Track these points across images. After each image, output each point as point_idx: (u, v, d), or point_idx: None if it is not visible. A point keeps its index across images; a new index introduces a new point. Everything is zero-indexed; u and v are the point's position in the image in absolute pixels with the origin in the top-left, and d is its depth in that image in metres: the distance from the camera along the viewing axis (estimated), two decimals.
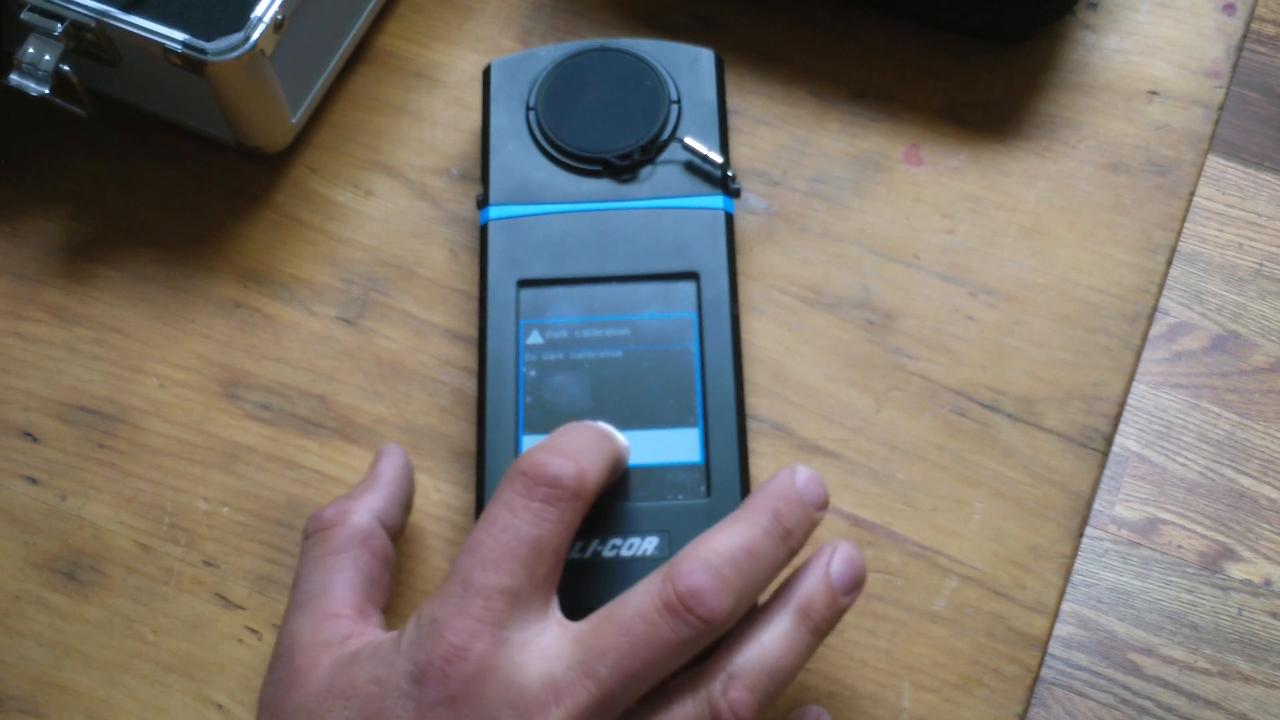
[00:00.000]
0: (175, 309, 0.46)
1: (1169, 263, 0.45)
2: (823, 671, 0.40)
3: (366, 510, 0.38)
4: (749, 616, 0.34)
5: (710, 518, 0.38)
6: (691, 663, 0.33)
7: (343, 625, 0.35)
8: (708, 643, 0.32)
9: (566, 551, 0.34)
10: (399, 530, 0.39)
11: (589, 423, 0.37)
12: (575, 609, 0.37)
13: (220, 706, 0.40)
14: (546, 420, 0.40)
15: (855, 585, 0.35)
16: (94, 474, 0.43)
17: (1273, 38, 1.42)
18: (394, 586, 0.39)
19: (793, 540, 0.34)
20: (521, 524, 0.32)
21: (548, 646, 0.32)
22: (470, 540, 0.33)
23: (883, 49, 0.49)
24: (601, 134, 0.44)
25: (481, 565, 0.32)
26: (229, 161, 0.48)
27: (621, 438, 0.37)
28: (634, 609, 0.32)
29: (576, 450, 0.34)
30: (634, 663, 0.31)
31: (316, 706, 0.33)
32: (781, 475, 0.35)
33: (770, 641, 0.33)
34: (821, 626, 0.34)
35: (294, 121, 0.46)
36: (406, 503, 0.39)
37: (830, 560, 0.35)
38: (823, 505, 0.35)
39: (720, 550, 0.33)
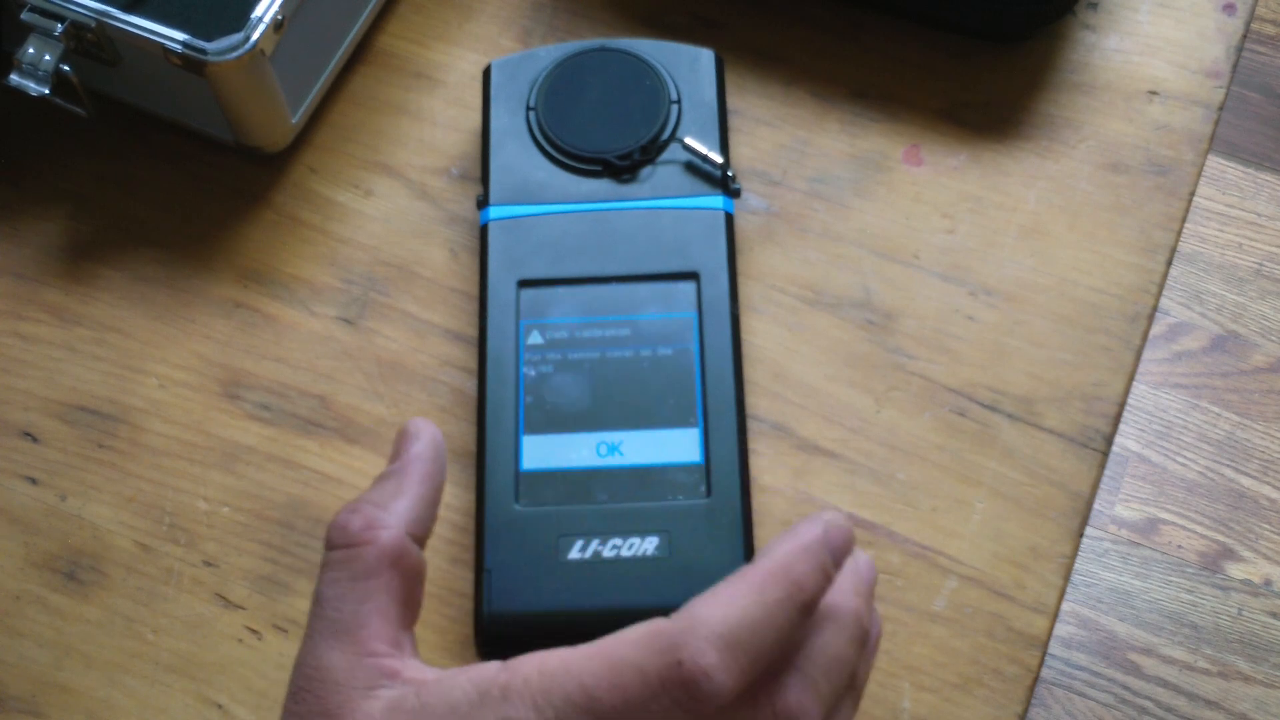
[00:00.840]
0: (175, 309, 0.46)
1: (1169, 263, 0.45)
2: None
3: (398, 522, 0.33)
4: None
5: (710, 517, 0.38)
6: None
7: (385, 665, 0.32)
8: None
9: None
10: (429, 532, 0.35)
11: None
12: (575, 609, 0.37)
13: (220, 706, 0.40)
14: (546, 420, 0.40)
15: (873, 645, 0.33)
16: (94, 474, 0.43)
17: (1273, 38, 1.42)
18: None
19: (811, 610, 0.30)
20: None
21: None
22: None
23: (883, 49, 0.49)
24: (601, 134, 0.44)
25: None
26: (229, 161, 0.48)
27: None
28: (636, 681, 0.29)
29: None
30: None
31: None
32: (805, 531, 0.31)
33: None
34: (861, 690, 0.33)
35: (294, 121, 0.46)
36: (438, 498, 0.35)
37: (871, 629, 0.33)
38: (845, 554, 0.31)
39: (732, 622, 0.29)
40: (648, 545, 0.38)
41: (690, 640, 0.28)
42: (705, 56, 0.46)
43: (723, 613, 0.29)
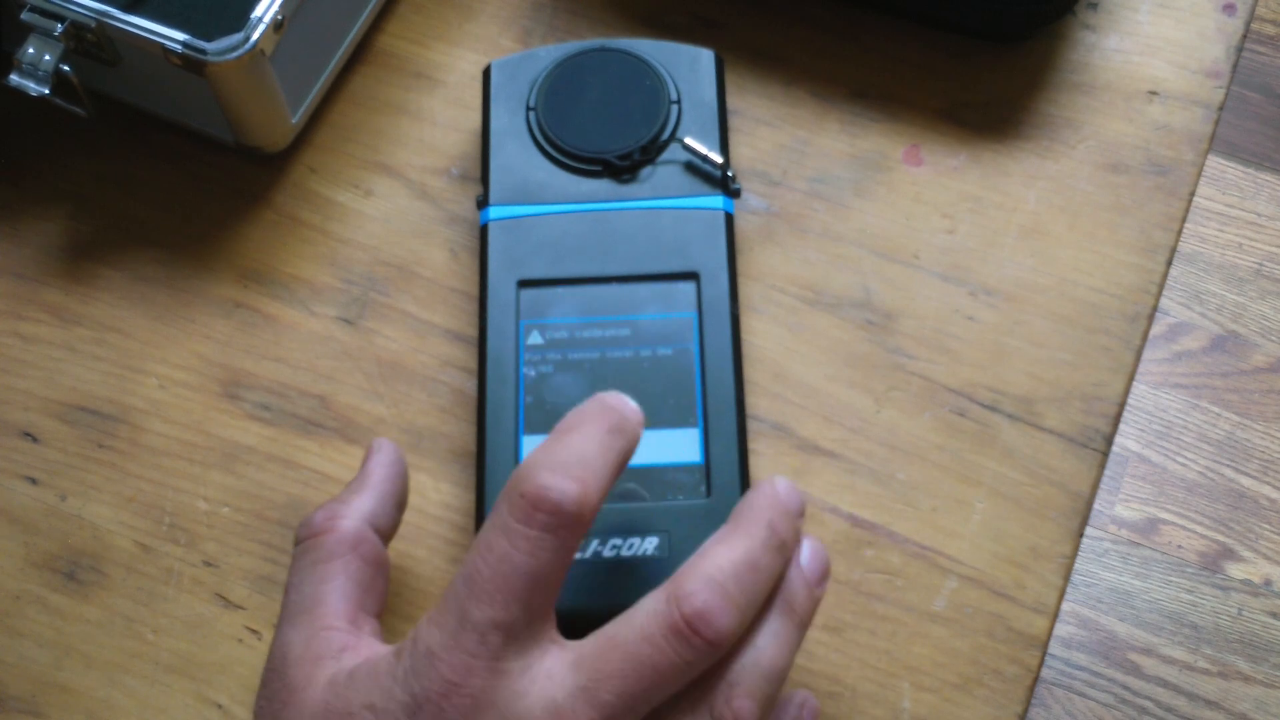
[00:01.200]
0: (175, 309, 0.46)
1: (1169, 263, 0.45)
2: (823, 671, 0.40)
3: (357, 514, 0.36)
4: None
5: (710, 517, 0.38)
6: None
7: (336, 638, 0.34)
8: (712, 662, 0.32)
9: (565, 574, 0.32)
10: (393, 530, 0.38)
11: (596, 410, 0.33)
12: (575, 608, 0.37)
13: (220, 706, 0.40)
14: (546, 420, 0.40)
15: (825, 575, 0.35)
16: (94, 474, 0.43)
17: (1273, 38, 1.42)
18: (389, 588, 0.38)
19: (787, 551, 0.34)
20: (519, 554, 0.31)
21: (548, 672, 0.31)
22: (466, 568, 0.32)
23: (883, 49, 0.49)
24: (601, 134, 0.44)
25: (476, 598, 0.31)
26: (229, 161, 0.48)
27: (633, 409, 0.34)
28: (638, 631, 0.31)
29: (582, 465, 0.32)
30: (638, 687, 0.30)
31: None
32: (764, 488, 0.34)
33: (763, 644, 0.33)
34: (805, 620, 0.34)
35: (294, 121, 0.46)
36: (400, 501, 0.38)
37: (800, 555, 0.34)
38: (803, 513, 0.35)
39: (723, 566, 0.32)
40: (648, 545, 0.38)
41: (682, 589, 0.31)
42: (705, 56, 0.46)
43: (707, 562, 0.32)
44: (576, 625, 0.37)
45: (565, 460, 0.32)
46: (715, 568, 0.32)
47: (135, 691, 0.41)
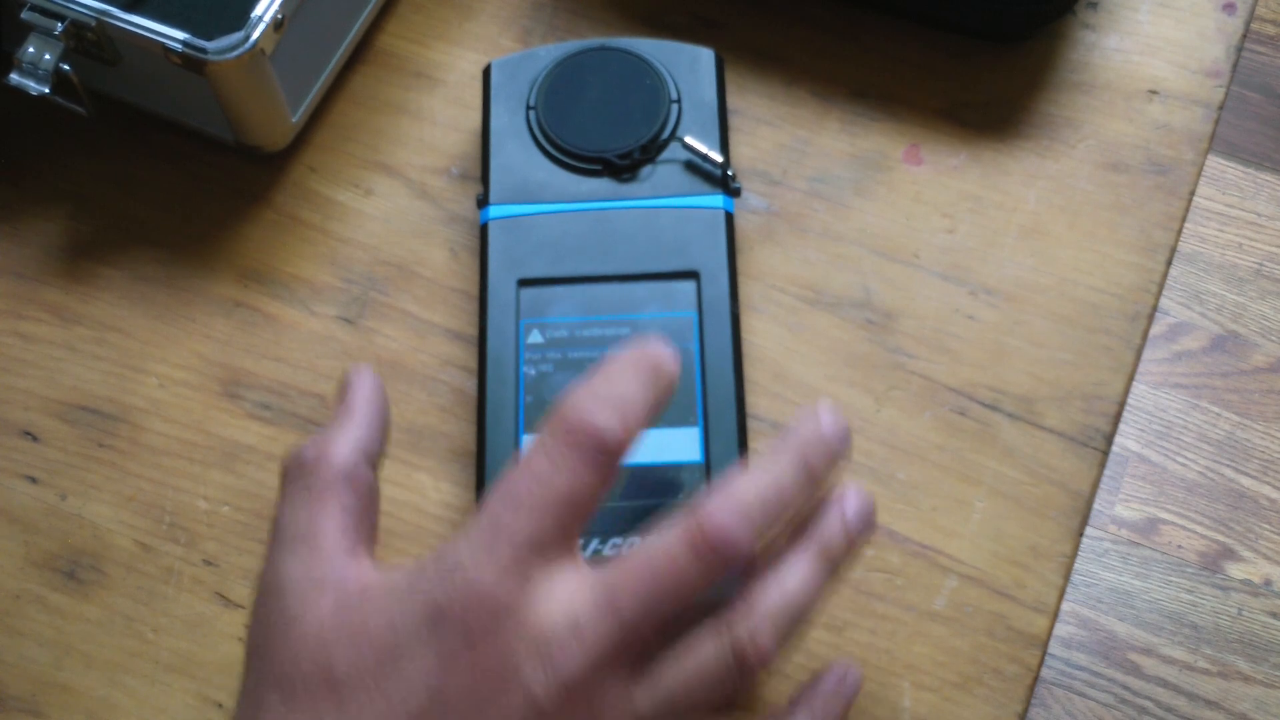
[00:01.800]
0: (175, 308, 0.46)
1: (1169, 262, 0.45)
2: None
3: (348, 445, 0.36)
4: (769, 555, 0.34)
5: None
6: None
7: (337, 565, 0.34)
8: (726, 574, 0.32)
9: (597, 506, 0.33)
10: (381, 459, 0.37)
11: (638, 355, 0.34)
12: None
13: (221, 706, 0.40)
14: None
15: (868, 526, 0.35)
16: (94, 473, 0.43)
17: (1273, 38, 1.42)
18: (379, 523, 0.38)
19: (816, 484, 0.34)
20: (560, 477, 0.32)
21: (571, 589, 0.32)
22: (505, 484, 0.32)
23: (883, 49, 0.49)
24: (601, 133, 0.44)
25: (514, 513, 0.32)
26: (229, 161, 0.48)
27: (671, 357, 0.34)
28: (660, 547, 0.32)
29: (624, 402, 0.33)
30: (656, 596, 0.31)
31: (319, 648, 0.32)
32: (808, 421, 0.35)
33: (789, 578, 0.34)
34: (838, 563, 0.35)
35: (294, 121, 0.46)
36: (386, 428, 0.37)
37: (845, 503, 0.35)
38: (846, 440, 0.35)
39: (750, 491, 0.33)
40: None
41: (703, 506, 0.32)
42: (705, 56, 0.46)
43: (733, 484, 0.33)
44: None
45: (609, 396, 0.33)
46: (739, 488, 0.33)
47: (135, 691, 0.41)
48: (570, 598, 0.31)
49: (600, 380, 0.34)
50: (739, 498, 0.33)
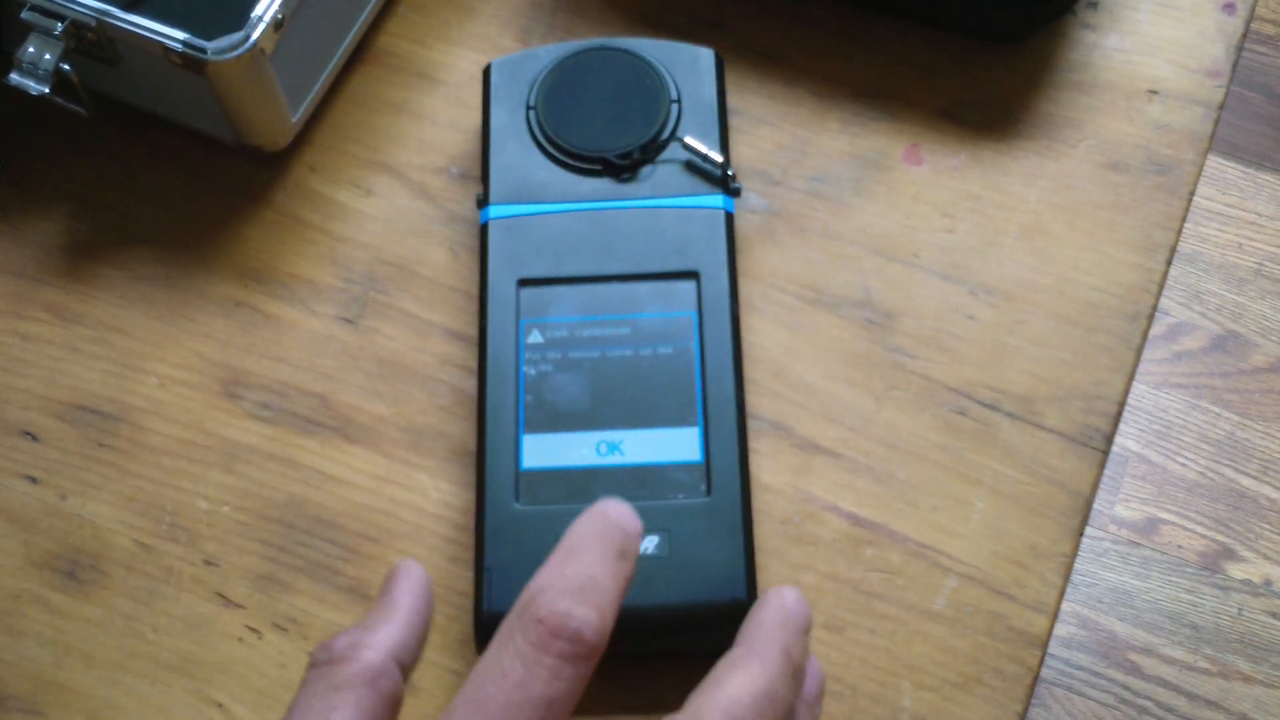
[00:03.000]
0: (175, 308, 0.46)
1: (1169, 262, 0.45)
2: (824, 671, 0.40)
3: (382, 646, 0.33)
4: None
5: (710, 516, 0.38)
6: None
7: None
8: None
9: (575, 706, 0.31)
10: (414, 665, 0.35)
11: (601, 529, 0.32)
12: None
13: (220, 706, 0.40)
14: (546, 420, 0.40)
15: (822, 693, 0.34)
16: (94, 473, 0.43)
17: (1273, 38, 1.42)
18: None
19: (800, 676, 0.33)
20: (536, 681, 0.29)
21: None
22: (474, 691, 0.30)
23: (883, 49, 0.49)
24: (601, 133, 0.44)
25: None
26: (229, 161, 0.48)
27: (634, 524, 0.33)
28: None
29: (598, 591, 0.31)
30: None
31: None
32: (773, 603, 0.33)
33: None
34: None
35: (294, 121, 0.46)
36: (426, 632, 0.36)
37: (805, 682, 0.34)
38: (810, 627, 0.34)
39: (743, 699, 0.31)
40: (648, 544, 0.38)
41: None
42: (705, 56, 0.46)
43: (725, 694, 0.31)
44: None
45: (581, 586, 0.31)
46: (734, 700, 0.31)
47: (135, 691, 0.40)
48: None
49: (568, 563, 0.31)
50: (734, 710, 0.30)
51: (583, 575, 0.31)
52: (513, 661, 0.30)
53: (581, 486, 0.39)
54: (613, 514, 0.33)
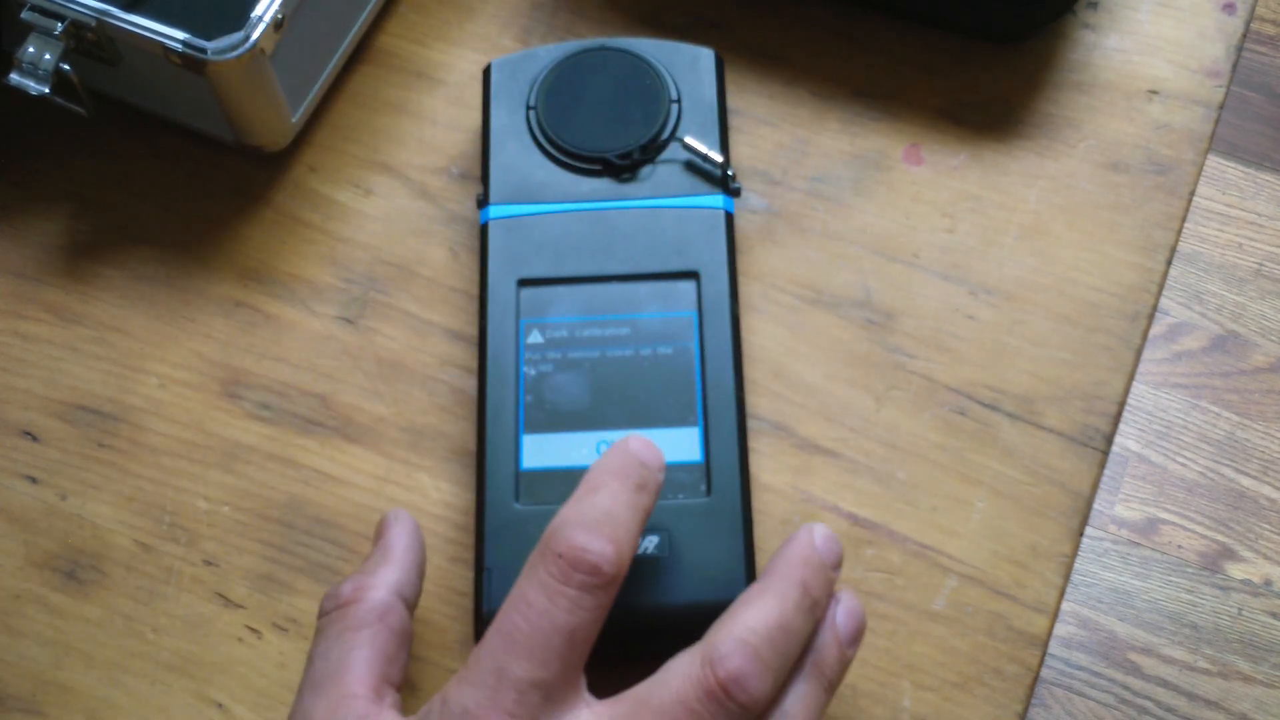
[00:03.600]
0: (175, 308, 0.46)
1: (1169, 262, 0.45)
2: None
3: (385, 585, 0.36)
4: None
5: (710, 516, 0.38)
6: None
7: (359, 706, 0.34)
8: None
9: (598, 633, 0.32)
10: (417, 600, 0.38)
11: (621, 464, 0.34)
12: None
13: (220, 706, 0.40)
14: (546, 420, 0.40)
15: (859, 635, 0.35)
16: (94, 473, 0.43)
17: (1273, 38, 1.42)
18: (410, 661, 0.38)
19: (819, 610, 0.34)
20: (559, 611, 0.31)
21: None
22: (503, 623, 0.32)
23: (883, 49, 0.49)
24: (601, 133, 0.44)
25: (515, 654, 0.31)
26: (229, 161, 0.48)
27: (655, 458, 0.35)
28: (673, 693, 0.31)
29: (615, 524, 0.32)
30: None
31: None
32: (802, 538, 0.35)
33: (790, 706, 0.33)
34: (835, 681, 0.34)
35: (294, 121, 0.46)
36: (422, 570, 0.38)
37: (836, 615, 0.35)
38: (839, 564, 0.35)
39: (757, 629, 0.32)
40: (648, 544, 0.38)
41: (716, 651, 0.31)
42: (705, 56, 0.46)
43: (740, 624, 0.32)
44: None
45: (598, 519, 0.32)
46: (748, 629, 0.32)
47: (135, 691, 0.41)
48: None
49: (587, 499, 0.33)
50: (748, 639, 0.32)
51: (600, 509, 0.32)
52: (536, 593, 0.31)
53: None
54: (634, 448, 0.34)
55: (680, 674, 0.32)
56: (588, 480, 0.34)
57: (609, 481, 0.33)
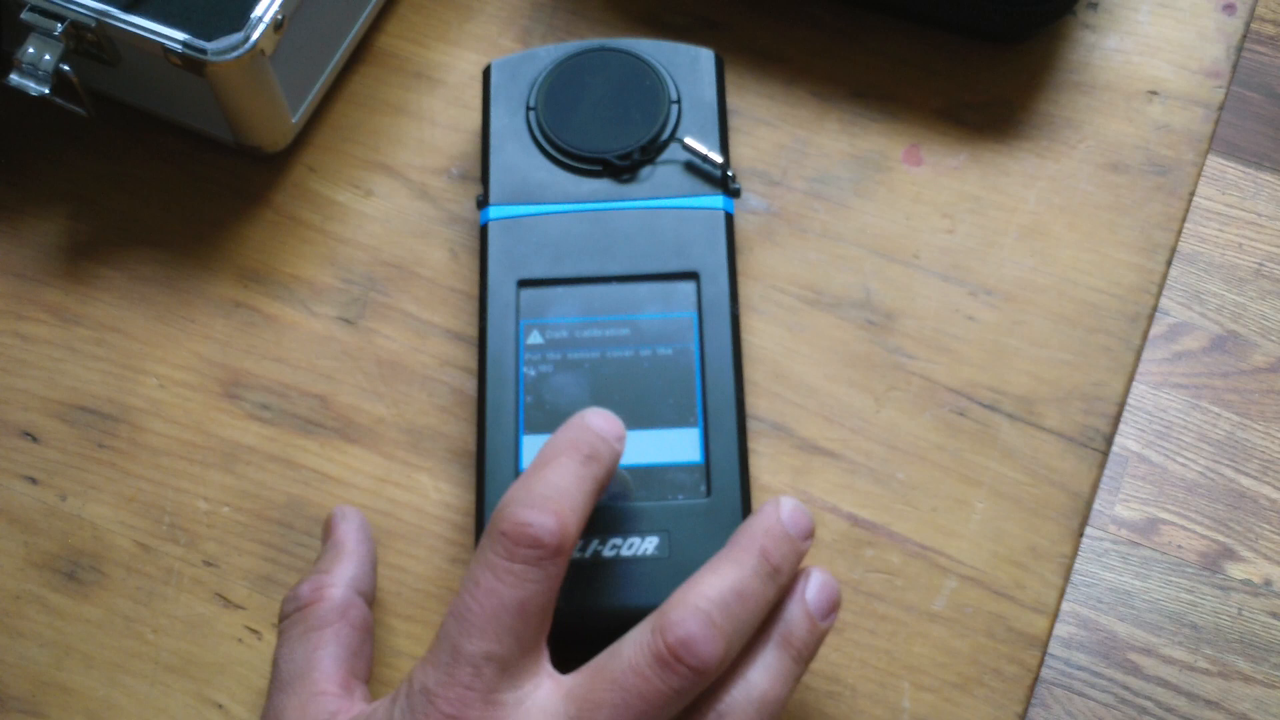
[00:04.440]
0: (175, 309, 0.46)
1: (1169, 263, 0.45)
2: (823, 671, 0.40)
3: (342, 582, 0.37)
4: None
5: (710, 517, 0.38)
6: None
7: (330, 702, 0.35)
8: (701, 689, 0.32)
9: (554, 604, 0.33)
10: (373, 594, 0.39)
11: (571, 439, 0.35)
12: (576, 608, 0.37)
13: (220, 706, 0.40)
14: (546, 420, 0.40)
15: (832, 609, 0.35)
16: (94, 474, 0.43)
17: (1273, 38, 1.42)
18: (374, 653, 0.39)
19: (781, 577, 0.34)
20: (505, 588, 0.32)
21: (541, 704, 0.32)
22: (455, 605, 0.32)
23: (883, 49, 0.49)
24: (601, 134, 0.44)
25: (468, 632, 0.32)
26: (229, 161, 0.48)
27: (607, 428, 0.35)
28: (626, 661, 0.32)
29: (558, 497, 0.33)
30: (628, 716, 0.31)
31: None
32: (767, 510, 0.35)
33: (755, 675, 0.33)
34: (804, 654, 0.34)
35: (294, 121, 0.46)
36: (374, 563, 0.40)
37: (806, 587, 0.35)
38: (809, 535, 0.35)
39: (710, 595, 0.32)
40: (648, 545, 0.38)
41: (667, 618, 0.32)
42: (705, 56, 0.46)
43: (694, 591, 0.32)
44: (577, 625, 0.37)
45: (542, 494, 0.33)
46: (701, 596, 0.32)
47: (135, 691, 0.41)
48: (542, 716, 0.32)
49: (533, 474, 0.34)
50: (699, 605, 0.32)
51: (544, 483, 0.33)
52: (483, 572, 0.32)
53: None
54: (589, 419, 0.35)
55: (633, 642, 0.32)
56: (539, 456, 0.35)
57: (557, 456, 0.34)
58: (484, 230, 0.43)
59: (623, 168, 0.44)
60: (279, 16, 0.43)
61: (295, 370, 0.45)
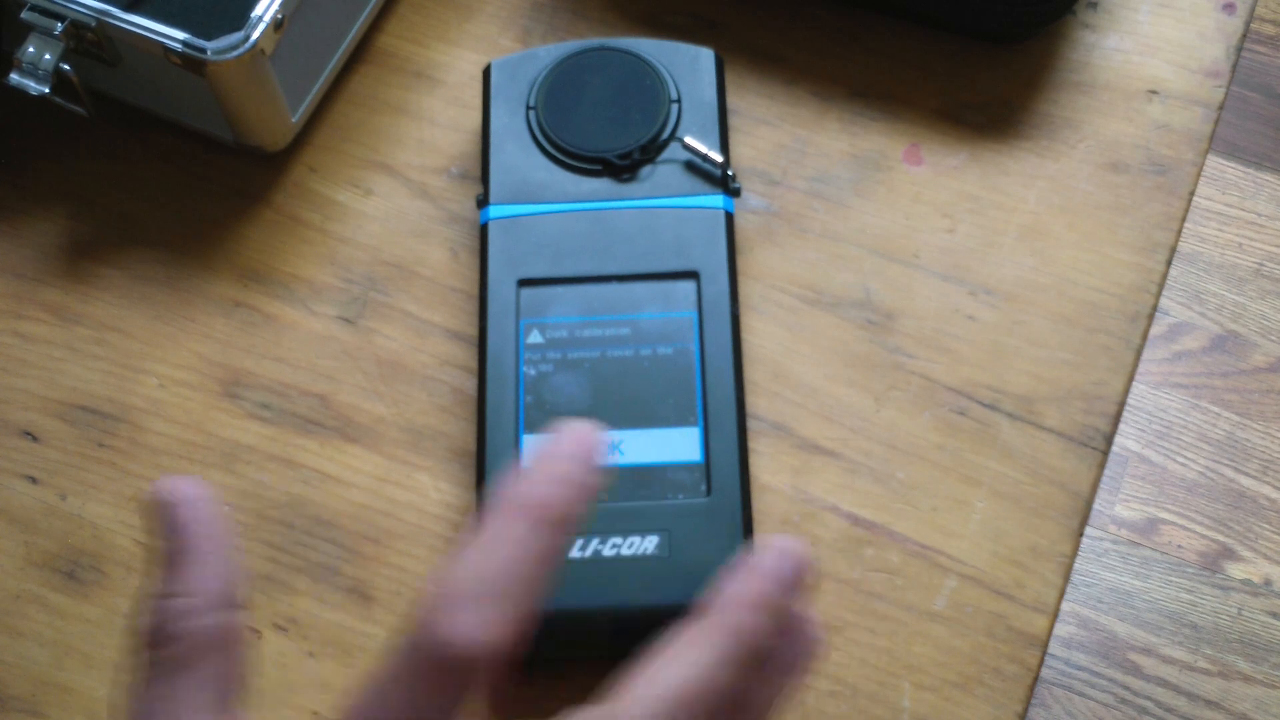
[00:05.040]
0: (175, 308, 0.46)
1: (1169, 262, 0.45)
2: (823, 670, 0.40)
3: (209, 599, 0.29)
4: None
5: (710, 516, 0.38)
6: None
7: None
8: None
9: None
10: (240, 594, 0.29)
11: (526, 494, 0.27)
12: (575, 608, 0.37)
13: None
14: (546, 419, 0.40)
15: (804, 661, 0.30)
16: (94, 473, 0.43)
17: (1273, 38, 1.42)
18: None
19: (756, 656, 0.28)
20: (412, 710, 0.26)
21: None
22: (360, 710, 0.26)
23: (883, 49, 0.49)
24: (601, 134, 0.44)
25: None
26: (229, 161, 0.48)
27: (576, 455, 0.28)
28: None
29: (493, 589, 0.26)
30: None
31: None
32: (746, 571, 0.29)
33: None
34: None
35: (294, 121, 0.46)
36: (233, 551, 0.30)
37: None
38: (798, 585, 0.29)
39: (667, 697, 0.27)
40: (648, 544, 0.38)
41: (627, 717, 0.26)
42: (705, 56, 0.46)
43: (657, 685, 0.27)
44: (576, 624, 0.37)
45: (470, 587, 0.26)
46: (659, 699, 0.27)
47: None
48: None
49: (467, 559, 0.26)
50: (656, 709, 0.26)
51: (477, 573, 0.26)
52: (393, 685, 0.26)
53: None
54: (561, 444, 0.28)
55: None
56: (481, 526, 0.27)
57: (503, 526, 0.27)
58: (484, 230, 0.43)
59: (623, 167, 0.44)
60: (279, 16, 0.43)
61: (295, 370, 0.45)
